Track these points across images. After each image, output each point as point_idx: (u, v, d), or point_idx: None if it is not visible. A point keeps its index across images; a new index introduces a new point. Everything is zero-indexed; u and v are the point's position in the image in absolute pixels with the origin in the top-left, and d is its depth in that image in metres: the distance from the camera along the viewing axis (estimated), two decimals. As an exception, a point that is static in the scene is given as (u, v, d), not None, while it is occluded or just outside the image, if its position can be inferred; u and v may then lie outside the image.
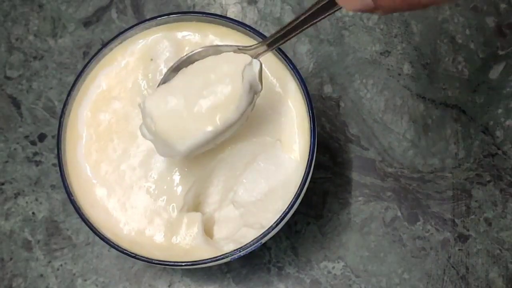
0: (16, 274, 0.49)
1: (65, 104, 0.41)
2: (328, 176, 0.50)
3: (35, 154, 0.51)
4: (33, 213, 0.50)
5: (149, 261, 0.38)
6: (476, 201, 0.49)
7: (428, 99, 0.51)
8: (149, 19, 0.42)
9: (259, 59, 0.36)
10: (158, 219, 0.40)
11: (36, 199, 0.50)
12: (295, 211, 0.39)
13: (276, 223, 0.37)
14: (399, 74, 0.52)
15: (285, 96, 0.41)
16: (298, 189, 0.38)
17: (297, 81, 0.40)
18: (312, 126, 0.39)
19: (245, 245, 0.37)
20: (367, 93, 0.51)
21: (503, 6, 0.53)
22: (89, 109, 0.42)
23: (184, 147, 0.36)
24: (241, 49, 0.37)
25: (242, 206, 0.42)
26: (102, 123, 0.41)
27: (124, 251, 0.38)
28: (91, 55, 0.42)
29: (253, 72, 0.36)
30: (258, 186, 0.41)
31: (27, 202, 0.50)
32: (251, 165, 0.42)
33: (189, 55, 0.38)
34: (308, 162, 0.38)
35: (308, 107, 0.39)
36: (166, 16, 0.42)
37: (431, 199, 0.49)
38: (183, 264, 0.38)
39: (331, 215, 0.49)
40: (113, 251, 0.41)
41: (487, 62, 0.52)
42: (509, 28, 0.52)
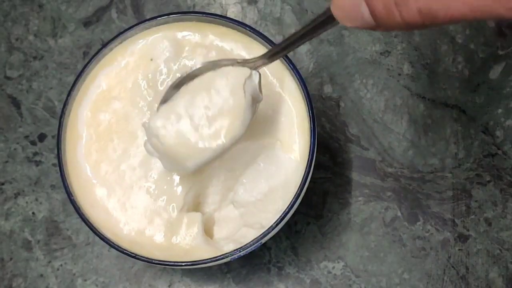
0: (16, 274, 0.49)
1: (65, 104, 0.41)
2: (328, 176, 0.50)
3: (35, 154, 0.51)
4: (33, 213, 0.50)
5: (149, 261, 0.38)
6: (476, 201, 0.49)
7: (428, 99, 0.51)
8: (149, 19, 0.42)
9: (258, 70, 0.36)
10: (158, 219, 0.40)
11: (36, 199, 0.50)
12: (295, 211, 0.39)
13: (276, 223, 0.37)
14: (399, 74, 0.52)
15: (285, 96, 0.41)
16: (298, 189, 0.38)
17: (297, 81, 0.40)
18: (312, 126, 0.39)
19: (245, 245, 0.37)
20: (367, 93, 0.51)
21: (503, 6, 0.53)
22: (89, 109, 0.42)
23: (193, 165, 0.36)
24: (240, 62, 0.37)
25: (242, 206, 0.42)
26: (102, 123, 0.41)
27: (124, 251, 0.38)
28: (91, 55, 0.42)
29: (254, 84, 0.36)
30: (258, 186, 0.41)
31: (27, 202, 0.50)
32: (251, 165, 0.42)
33: (189, 72, 0.38)
34: (308, 162, 0.38)
35: (308, 107, 0.39)
36: (166, 16, 0.42)
37: (431, 199, 0.49)
38: (183, 264, 0.38)
39: (331, 215, 0.49)
40: (113, 251, 0.41)
41: (487, 62, 0.52)
42: (509, 28, 0.52)
